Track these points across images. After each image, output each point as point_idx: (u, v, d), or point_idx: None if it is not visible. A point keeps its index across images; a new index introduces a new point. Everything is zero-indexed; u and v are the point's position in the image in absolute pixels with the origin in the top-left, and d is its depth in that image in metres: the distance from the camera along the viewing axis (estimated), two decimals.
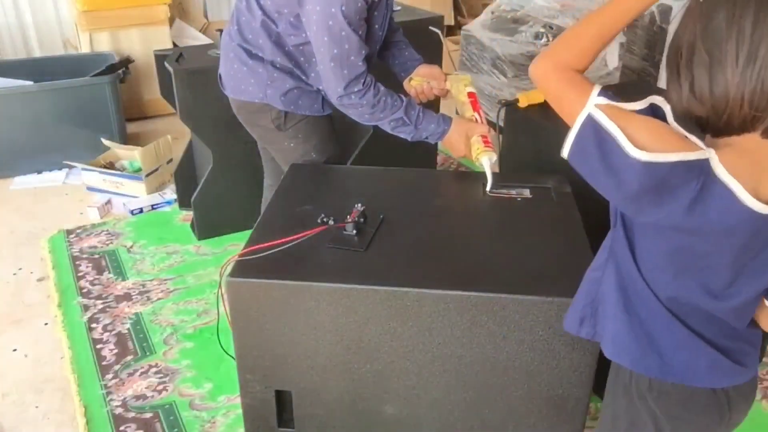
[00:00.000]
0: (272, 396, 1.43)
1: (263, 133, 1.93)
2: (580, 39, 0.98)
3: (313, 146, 1.89)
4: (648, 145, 0.86)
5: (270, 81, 1.78)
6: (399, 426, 1.42)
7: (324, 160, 1.91)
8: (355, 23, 1.56)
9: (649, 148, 0.85)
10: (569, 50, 0.98)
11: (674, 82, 0.90)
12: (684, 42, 0.88)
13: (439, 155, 3.37)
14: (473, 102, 1.82)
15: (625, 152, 0.86)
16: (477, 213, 1.55)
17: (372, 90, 1.66)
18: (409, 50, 2.00)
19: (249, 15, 1.74)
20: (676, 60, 0.90)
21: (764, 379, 2.06)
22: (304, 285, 1.29)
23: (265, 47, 1.75)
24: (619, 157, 0.87)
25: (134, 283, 2.53)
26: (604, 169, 0.90)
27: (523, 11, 3.34)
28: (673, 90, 0.91)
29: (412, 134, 1.73)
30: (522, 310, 1.25)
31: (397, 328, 1.30)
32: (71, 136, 3.40)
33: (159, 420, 1.91)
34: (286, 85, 1.78)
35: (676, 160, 0.85)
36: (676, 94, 0.90)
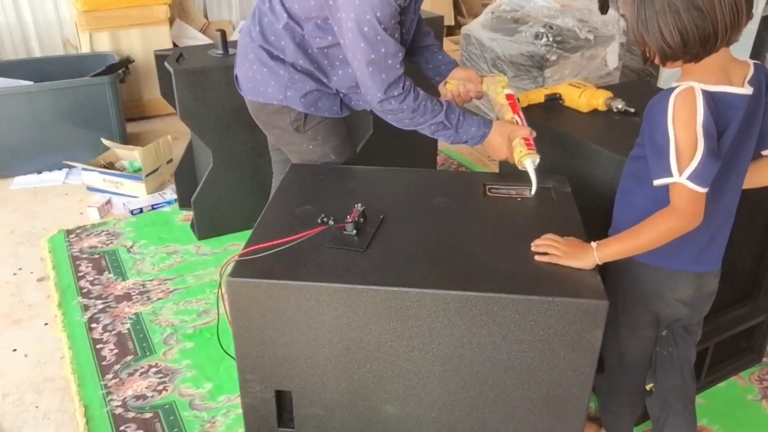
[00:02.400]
0: (272, 396, 1.43)
1: (281, 135, 1.91)
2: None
3: (332, 148, 1.88)
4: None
5: (290, 83, 1.77)
6: (399, 426, 1.42)
7: (342, 162, 1.91)
8: (390, 27, 1.55)
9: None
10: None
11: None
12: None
13: (439, 155, 3.38)
14: (512, 104, 1.79)
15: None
16: (477, 213, 1.55)
17: (412, 94, 1.65)
18: (442, 54, 1.98)
19: (272, 16, 1.73)
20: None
21: (764, 379, 2.06)
22: (304, 285, 1.29)
23: (287, 49, 1.74)
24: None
25: (134, 283, 2.53)
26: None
27: (523, 11, 3.34)
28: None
29: (452, 138, 1.71)
30: (522, 310, 1.25)
31: (397, 328, 1.30)
32: (71, 136, 3.40)
33: (159, 420, 1.91)
34: (306, 87, 1.77)
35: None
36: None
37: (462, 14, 5.18)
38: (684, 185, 1.21)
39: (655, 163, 1.25)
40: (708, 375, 1.99)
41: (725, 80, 1.24)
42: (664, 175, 1.23)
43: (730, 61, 1.26)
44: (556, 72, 3.18)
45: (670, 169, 1.21)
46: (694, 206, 1.24)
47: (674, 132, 1.20)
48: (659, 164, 1.23)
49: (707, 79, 1.22)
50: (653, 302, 1.45)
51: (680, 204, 1.24)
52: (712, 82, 1.23)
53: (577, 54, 3.22)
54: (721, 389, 2.02)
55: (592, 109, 1.90)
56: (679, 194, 1.23)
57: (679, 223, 1.26)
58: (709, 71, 1.23)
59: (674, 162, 1.21)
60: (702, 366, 1.95)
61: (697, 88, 1.20)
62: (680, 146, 1.20)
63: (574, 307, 1.23)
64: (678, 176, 1.21)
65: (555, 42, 3.16)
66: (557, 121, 1.88)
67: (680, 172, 1.21)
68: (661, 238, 1.29)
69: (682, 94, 1.21)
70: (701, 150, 1.19)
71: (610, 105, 1.88)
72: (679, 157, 1.20)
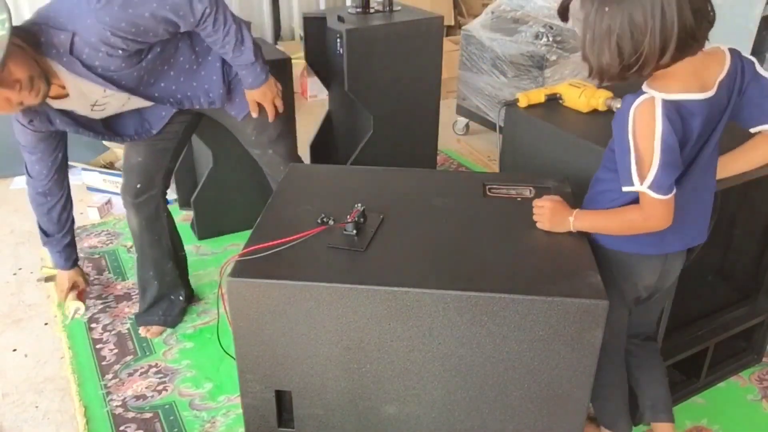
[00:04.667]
0: (272, 396, 1.43)
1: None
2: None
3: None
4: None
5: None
6: (399, 426, 1.42)
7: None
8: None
9: None
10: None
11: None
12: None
13: (439, 155, 3.38)
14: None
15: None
16: (477, 213, 1.55)
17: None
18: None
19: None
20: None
21: (764, 379, 2.06)
22: (304, 285, 1.29)
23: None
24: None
25: (134, 283, 2.52)
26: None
27: (523, 11, 3.33)
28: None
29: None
30: (522, 310, 1.25)
31: (397, 328, 1.30)
32: (71, 136, 3.39)
33: (159, 420, 1.91)
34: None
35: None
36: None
37: (462, 14, 5.18)
38: (646, 193, 1.26)
39: (621, 170, 1.30)
40: (708, 375, 1.99)
41: (694, 86, 1.24)
42: (628, 183, 1.29)
43: (703, 65, 1.25)
44: (556, 72, 3.18)
45: (632, 179, 1.27)
46: (659, 211, 1.30)
47: (633, 143, 1.24)
48: (624, 172, 1.29)
49: (672, 86, 1.23)
50: (620, 281, 1.50)
51: (647, 208, 1.30)
52: (677, 90, 1.23)
53: (577, 54, 3.21)
54: (721, 389, 2.02)
55: (592, 109, 1.90)
56: (644, 200, 1.29)
57: (645, 223, 1.33)
58: (674, 78, 1.23)
59: (635, 172, 1.26)
60: (702, 366, 1.95)
61: (658, 99, 1.22)
62: (639, 157, 1.25)
63: (574, 307, 1.23)
64: (639, 185, 1.26)
65: (555, 42, 3.15)
66: (557, 121, 1.88)
67: (641, 181, 1.26)
68: (627, 229, 1.38)
69: (641, 107, 1.23)
70: (656, 162, 1.23)
71: (610, 105, 1.88)
72: (639, 168, 1.25)
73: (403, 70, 2.71)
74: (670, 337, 1.82)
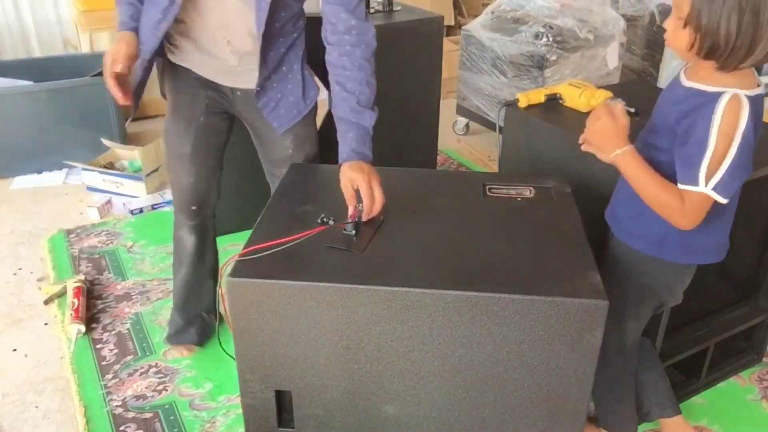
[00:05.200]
0: (272, 396, 1.43)
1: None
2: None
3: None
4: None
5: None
6: (399, 426, 1.42)
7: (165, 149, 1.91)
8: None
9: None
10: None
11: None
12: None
13: (439, 155, 3.38)
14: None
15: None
16: (477, 213, 1.55)
17: None
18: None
19: None
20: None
21: (764, 379, 2.06)
22: (304, 285, 1.29)
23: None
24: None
25: (134, 283, 2.53)
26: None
27: (523, 11, 3.33)
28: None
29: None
30: (522, 310, 1.25)
31: (397, 328, 1.30)
32: (71, 136, 3.40)
33: (159, 420, 1.91)
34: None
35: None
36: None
37: (462, 14, 5.18)
38: (706, 194, 1.24)
39: (684, 166, 1.26)
40: (708, 375, 1.99)
41: (754, 82, 1.25)
42: (690, 182, 1.25)
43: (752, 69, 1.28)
44: (556, 72, 3.18)
45: (698, 179, 1.23)
46: (699, 213, 1.28)
47: (715, 141, 1.21)
48: (689, 169, 1.25)
49: (745, 82, 1.23)
50: (663, 295, 1.53)
51: (691, 206, 1.27)
52: (750, 86, 1.23)
53: (577, 54, 3.21)
54: (721, 389, 2.02)
55: (591, 109, 1.90)
56: (693, 197, 1.26)
57: (678, 218, 1.30)
58: (744, 75, 1.23)
59: (704, 171, 1.22)
60: (702, 366, 1.95)
61: (742, 96, 1.21)
62: (715, 156, 1.21)
63: (574, 307, 1.23)
64: (704, 186, 1.23)
65: (555, 42, 3.15)
66: (557, 121, 1.88)
67: (707, 182, 1.23)
68: (658, 204, 1.32)
69: (731, 104, 1.20)
70: (728, 163, 1.21)
71: (610, 105, 1.88)
72: (710, 168, 1.22)
73: (403, 69, 2.71)
74: (670, 337, 1.82)
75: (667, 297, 1.55)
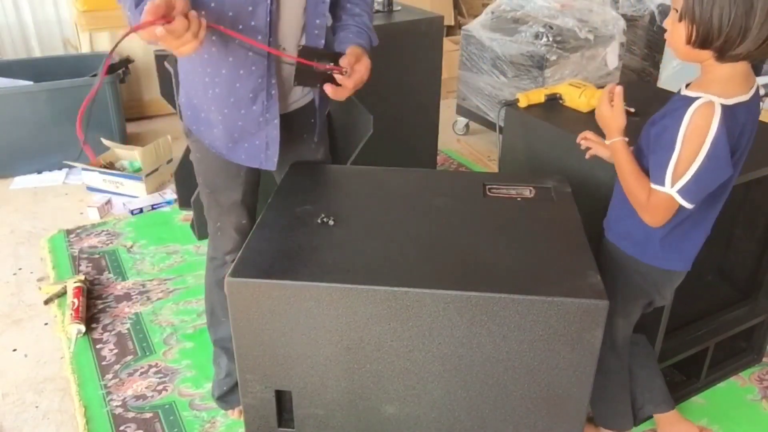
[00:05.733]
0: (272, 396, 1.43)
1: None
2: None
3: (203, 171, 1.67)
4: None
5: (185, 90, 1.59)
6: (399, 426, 1.42)
7: (212, 199, 1.70)
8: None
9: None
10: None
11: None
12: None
13: (439, 155, 3.38)
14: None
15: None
16: (477, 213, 1.55)
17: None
18: (355, 29, 1.63)
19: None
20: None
21: (764, 379, 2.06)
22: (304, 285, 1.29)
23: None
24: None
25: (134, 283, 2.53)
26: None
27: (523, 11, 3.34)
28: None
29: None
30: (522, 310, 1.25)
31: (397, 328, 1.30)
32: (71, 136, 3.39)
33: (159, 420, 1.91)
34: (193, 99, 1.56)
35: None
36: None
37: (462, 14, 5.18)
38: (671, 196, 1.28)
39: (655, 166, 1.31)
40: (708, 375, 1.99)
41: (744, 90, 1.27)
42: (657, 182, 1.30)
43: (749, 71, 1.28)
44: (556, 72, 3.18)
45: (664, 180, 1.28)
46: (662, 213, 1.32)
47: (681, 144, 1.24)
48: (659, 170, 1.29)
49: (727, 91, 1.24)
50: (652, 294, 1.56)
51: (653, 203, 1.32)
52: (731, 95, 1.24)
53: (577, 54, 3.21)
54: (721, 389, 2.02)
55: (592, 109, 1.90)
56: (657, 196, 1.31)
57: (641, 212, 1.36)
58: (729, 83, 1.25)
59: (671, 173, 1.26)
60: (702, 366, 1.95)
61: (717, 103, 1.22)
62: (681, 159, 1.25)
63: (574, 307, 1.23)
64: (669, 187, 1.27)
65: (555, 42, 3.16)
66: (557, 121, 1.88)
67: (672, 184, 1.27)
68: (631, 195, 1.38)
69: (701, 110, 1.23)
70: (697, 165, 1.24)
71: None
72: (677, 170, 1.26)
73: (403, 69, 2.71)
74: (670, 337, 1.82)
75: (656, 296, 1.57)
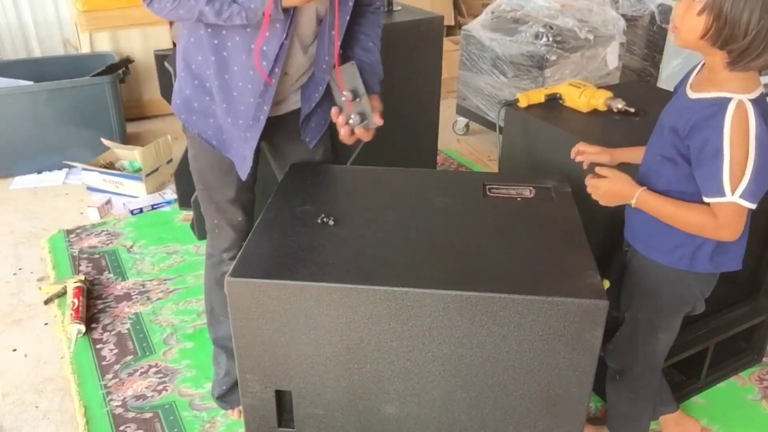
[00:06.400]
0: (272, 396, 1.43)
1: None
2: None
3: (198, 169, 1.69)
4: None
5: (178, 79, 1.60)
6: (399, 426, 1.42)
7: (206, 196, 1.72)
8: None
9: None
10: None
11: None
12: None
13: (439, 155, 3.38)
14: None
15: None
16: (477, 213, 1.55)
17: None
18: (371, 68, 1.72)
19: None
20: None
21: (764, 379, 2.06)
22: (304, 285, 1.29)
23: (181, 37, 1.56)
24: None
25: (134, 283, 2.53)
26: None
27: (523, 11, 3.34)
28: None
29: (237, 10, 1.39)
30: (522, 310, 1.24)
31: (397, 328, 1.30)
32: (71, 136, 3.40)
33: (159, 420, 1.91)
34: (186, 86, 1.58)
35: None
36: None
37: (462, 14, 5.18)
38: (736, 203, 1.23)
39: (705, 180, 1.26)
40: (708, 375, 1.99)
41: (757, 80, 1.25)
42: (716, 193, 1.25)
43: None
44: (556, 72, 3.18)
45: (723, 189, 1.23)
46: (738, 222, 1.27)
47: (729, 150, 1.20)
48: (711, 182, 1.24)
49: (747, 86, 1.23)
50: (696, 301, 1.51)
51: (725, 218, 1.26)
52: (751, 89, 1.23)
53: (577, 54, 3.21)
54: (721, 389, 2.02)
55: (592, 109, 1.90)
56: (725, 209, 1.25)
57: (717, 232, 1.30)
58: (744, 78, 1.23)
59: (727, 180, 1.22)
60: (702, 366, 1.95)
61: (746, 101, 1.21)
62: (734, 165, 1.21)
63: (574, 307, 1.23)
64: (731, 195, 1.23)
65: (555, 42, 3.16)
66: (557, 121, 1.88)
67: (733, 191, 1.22)
68: (691, 228, 1.33)
69: (737, 111, 1.20)
70: (750, 168, 1.20)
71: (610, 105, 1.88)
72: (733, 176, 1.21)
73: (403, 69, 2.71)
74: None
75: (699, 303, 1.53)
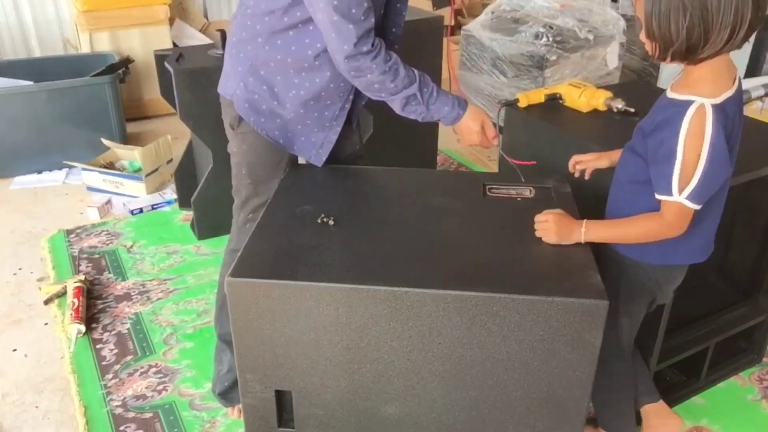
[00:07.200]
0: (272, 396, 1.43)
1: (228, 132, 1.76)
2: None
3: (248, 166, 1.70)
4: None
5: (244, 81, 1.63)
6: (399, 426, 1.42)
7: (252, 190, 1.72)
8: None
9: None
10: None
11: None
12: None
13: (439, 155, 3.38)
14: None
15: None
16: (477, 213, 1.55)
17: (383, 54, 1.48)
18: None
19: (243, 8, 1.60)
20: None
21: (764, 379, 2.06)
22: (304, 285, 1.29)
23: (248, 42, 1.61)
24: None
25: (134, 283, 2.53)
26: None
27: (523, 11, 3.34)
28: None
29: (423, 114, 1.58)
30: (522, 310, 1.25)
31: (397, 328, 1.30)
32: (71, 136, 3.40)
33: (159, 420, 1.91)
34: (255, 95, 1.62)
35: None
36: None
37: (462, 14, 5.18)
38: (681, 203, 1.28)
39: (657, 177, 1.31)
40: (708, 375, 1.99)
41: (728, 83, 1.27)
42: (665, 192, 1.29)
43: (729, 63, 1.28)
44: (556, 72, 3.18)
45: (672, 189, 1.27)
46: (681, 221, 1.32)
47: (683, 152, 1.24)
48: (662, 180, 1.29)
49: (714, 90, 1.25)
50: (654, 292, 1.55)
51: (669, 217, 1.32)
52: (719, 93, 1.25)
53: (577, 54, 3.22)
54: (721, 389, 2.02)
55: (592, 109, 1.90)
56: (671, 208, 1.30)
57: (665, 232, 1.35)
58: (714, 81, 1.25)
59: (677, 182, 1.26)
60: (702, 366, 1.95)
61: (707, 105, 1.23)
62: (685, 167, 1.25)
63: (574, 307, 1.23)
64: (678, 195, 1.27)
65: (555, 42, 3.16)
66: (557, 121, 1.88)
67: (680, 191, 1.27)
68: (644, 237, 1.40)
69: (695, 117, 1.23)
70: (700, 172, 1.24)
71: (610, 105, 1.88)
72: (682, 178, 1.26)
73: None
74: (670, 337, 1.81)
75: (658, 293, 1.57)
